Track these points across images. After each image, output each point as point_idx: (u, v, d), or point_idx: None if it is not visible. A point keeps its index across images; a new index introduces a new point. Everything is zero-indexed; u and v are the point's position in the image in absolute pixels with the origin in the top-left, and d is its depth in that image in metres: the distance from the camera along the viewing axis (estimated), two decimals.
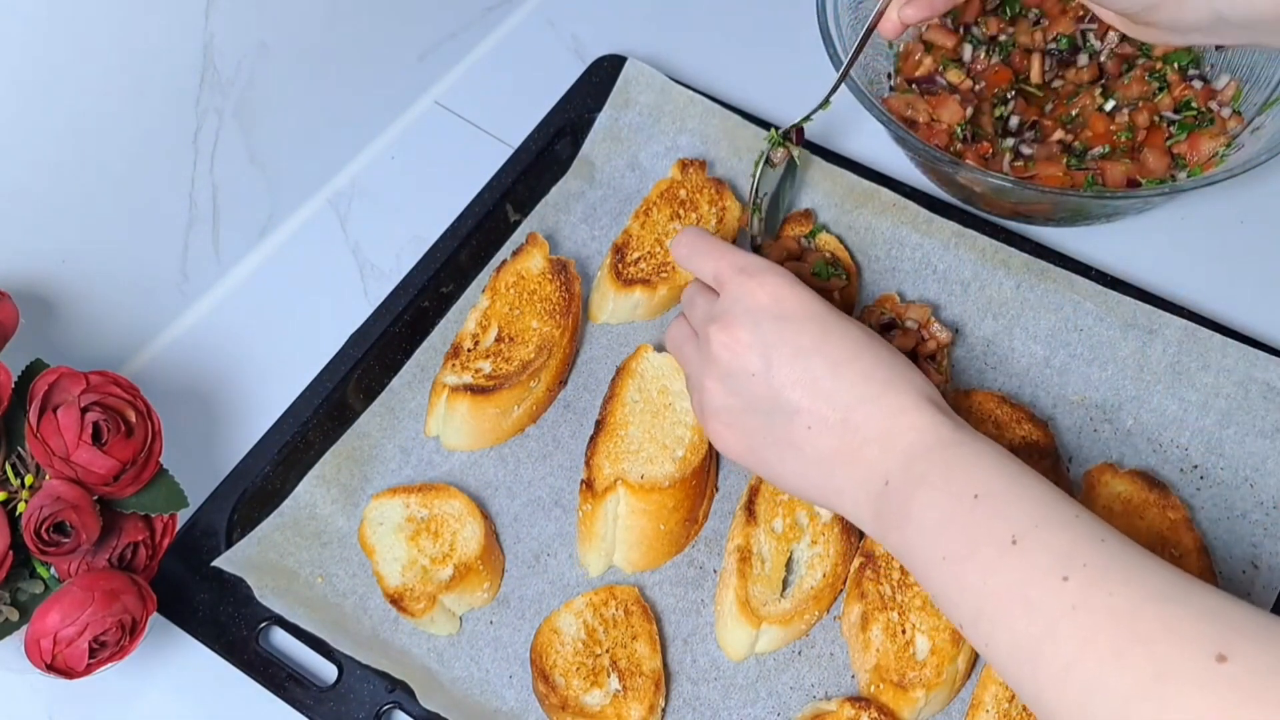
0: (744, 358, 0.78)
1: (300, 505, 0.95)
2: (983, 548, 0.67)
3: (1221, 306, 1.02)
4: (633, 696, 0.85)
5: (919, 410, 0.74)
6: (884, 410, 0.74)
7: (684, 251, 0.86)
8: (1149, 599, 0.62)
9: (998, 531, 0.67)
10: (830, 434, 0.75)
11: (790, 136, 1.04)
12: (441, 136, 1.17)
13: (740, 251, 0.82)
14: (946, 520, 0.70)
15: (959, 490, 0.70)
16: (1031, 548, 0.66)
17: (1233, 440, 0.95)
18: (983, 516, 0.68)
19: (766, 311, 0.78)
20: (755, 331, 0.78)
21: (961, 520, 0.69)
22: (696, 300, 0.85)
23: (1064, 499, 0.69)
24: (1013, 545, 0.66)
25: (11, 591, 0.82)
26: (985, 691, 0.84)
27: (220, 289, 1.08)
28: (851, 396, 0.75)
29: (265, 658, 0.89)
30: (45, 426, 0.78)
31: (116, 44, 0.88)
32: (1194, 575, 0.86)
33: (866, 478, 0.74)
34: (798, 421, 0.76)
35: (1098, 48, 1.11)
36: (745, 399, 0.78)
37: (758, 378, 0.77)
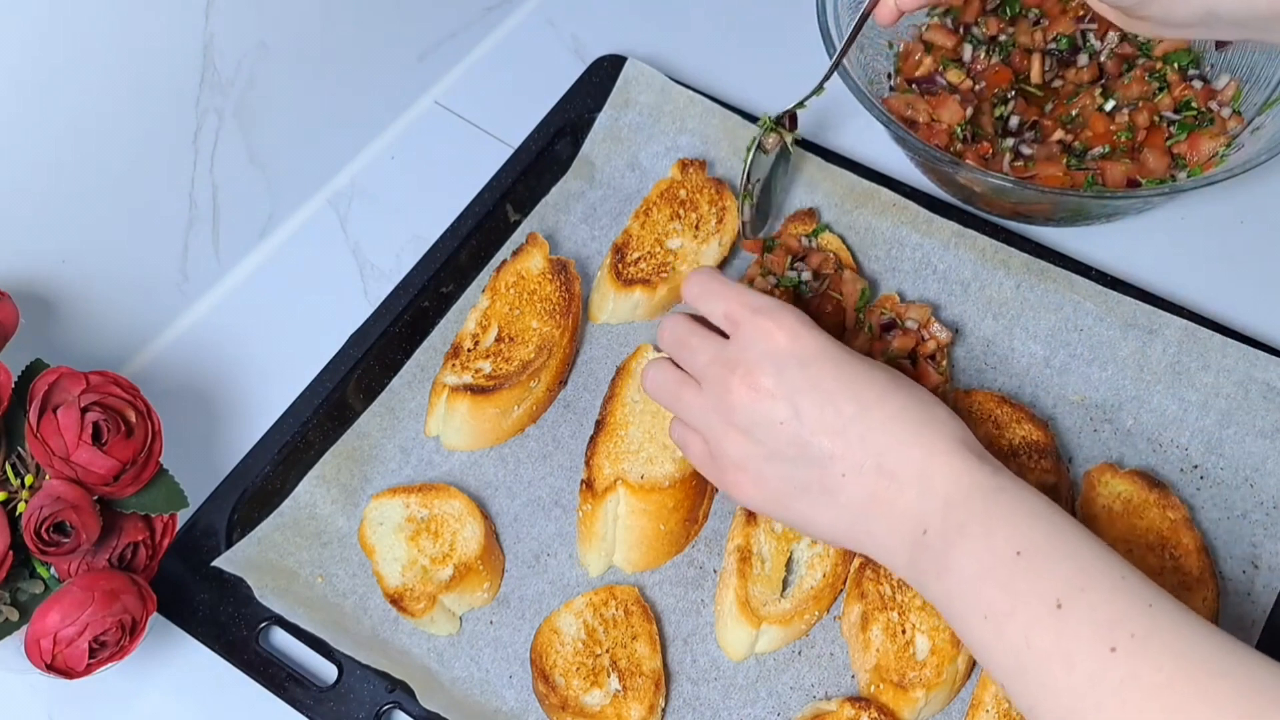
0: (769, 405, 0.75)
1: (300, 505, 0.95)
2: (1026, 608, 0.66)
3: (1221, 306, 1.02)
4: (633, 696, 0.85)
5: (954, 454, 0.72)
6: (919, 453, 0.72)
7: (695, 291, 0.82)
8: (1195, 673, 0.61)
9: (1042, 592, 0.66)
10: (864, 480, 0.73)
11: (783, 122, 1.02)
12: (441, 136, 1.17)
13: (751, 291, 0.80)
14: (987, 574, 0.68)
15: (1000, 545, 0.68)
16: (1077, 613, 0.65)
17: (1233, 440, 0.95)
18: (1025, 574, 0.67)
19: (788, 354, 0.76)
20: (779, 377, 0.75)
21: (1003, 577, 0.68)
22: (692, 342, 0.81)
23: (1109, 556, 0.67)
24: (1057, 609, 0.65)
25: (11, 591, 0.82)
26: (985, 691, 0.84)
27: (220, 289, 1.08)
28: (884, 441, 0.73)
29: (265, 658, 0.89)
30: (45, 426, 0.78)
31: (116, 44, 0.88)
32: (1194, 575, 0.87)
33: (902, 524, 0.72)
34: (831, 469, 0.74)
35: (1098, 48, 1.11)
36: (770, 447, 0.76)
37: (786, 425, 0.75)
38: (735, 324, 0.78)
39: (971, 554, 0.69)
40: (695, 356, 0.80)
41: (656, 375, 0.83)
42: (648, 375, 0.84)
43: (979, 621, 0.68)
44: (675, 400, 0.82)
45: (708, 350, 0.79)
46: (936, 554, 0.71)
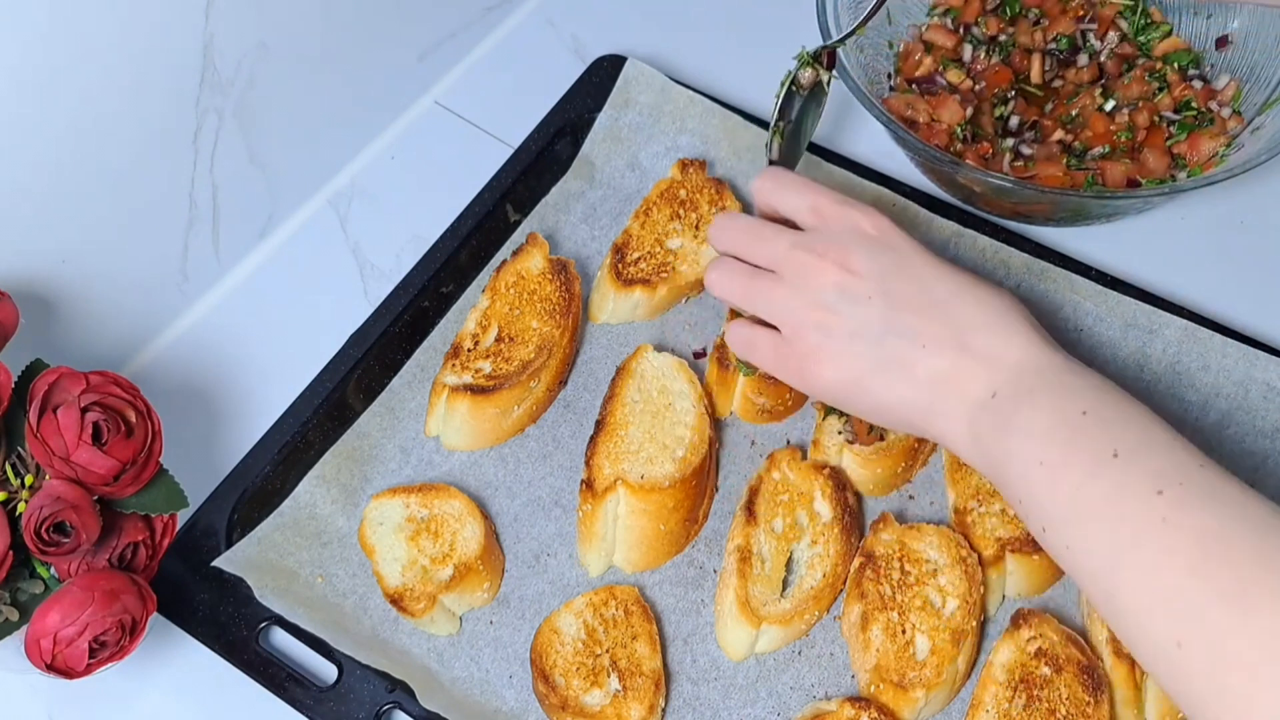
0: (860, 283, 0.78)
1: (300, 505, 0.95)
2: (1082, 457, 0.69)
3: (1221, 306, 1.02)
4: (633, 696, 0.85)
5: (1032, 340, 0.75)
6: (999, 335, 0.75)
7: (769, 185, 0.84)
8: (1241, 525, 0.62)
9: (1100, 444, 0.68)
10: (944, 354, 0.76)
11: (820, 59, 0.99)
12: (441, 136, 1.17)
13: (835, 192, 0.82)
14: (1050, 430, 0.71)
15: (1066, 406, 0.71)
16: (1131, 462, 0.67)
17: (1233, 440, 0.95)
18: (1087, 430, 0.70)
19: (878, 241, 0.78)
20: (871, 259, 0.78)
21: (1065, 432, 0.70)
22: (764, 232, 0.82)
23: (1169, 428, 0.70)
24: (1113, 458, 0.67)
25: (11, 591, 0.82)
26: (985, 691, 0.84)
27: (220, 289, 1.08)
28: (967, 320, 0.76)
29: (265, 658, 0.89)
30: (45, 426, 0.78)
31: (116, 44, 0.88)
32: None
33: (972, 394, 0.75)
34: (913, 343, 0.76)
35: (1098, 48, 1.11)
36: (856, 324, 0.78)
37: (874, 300, 0.77)
38: (821, 214, 0.80)
39: (1038, 410, 0.72)
40: (772, 245, 0.81)
41: (723, 271, 0.83)
42: (713, 273, 0.84)
43: (1034, 469, 0.70)
44: (750, 292, 0.82)
45: (786, 237, 0.81)
46: (1002, 415, 0.73)
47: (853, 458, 0.93)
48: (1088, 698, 0.83)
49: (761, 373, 0.95)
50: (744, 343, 0.85)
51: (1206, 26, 1.11)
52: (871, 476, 0.94)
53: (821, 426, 0.95)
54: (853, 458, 0.93)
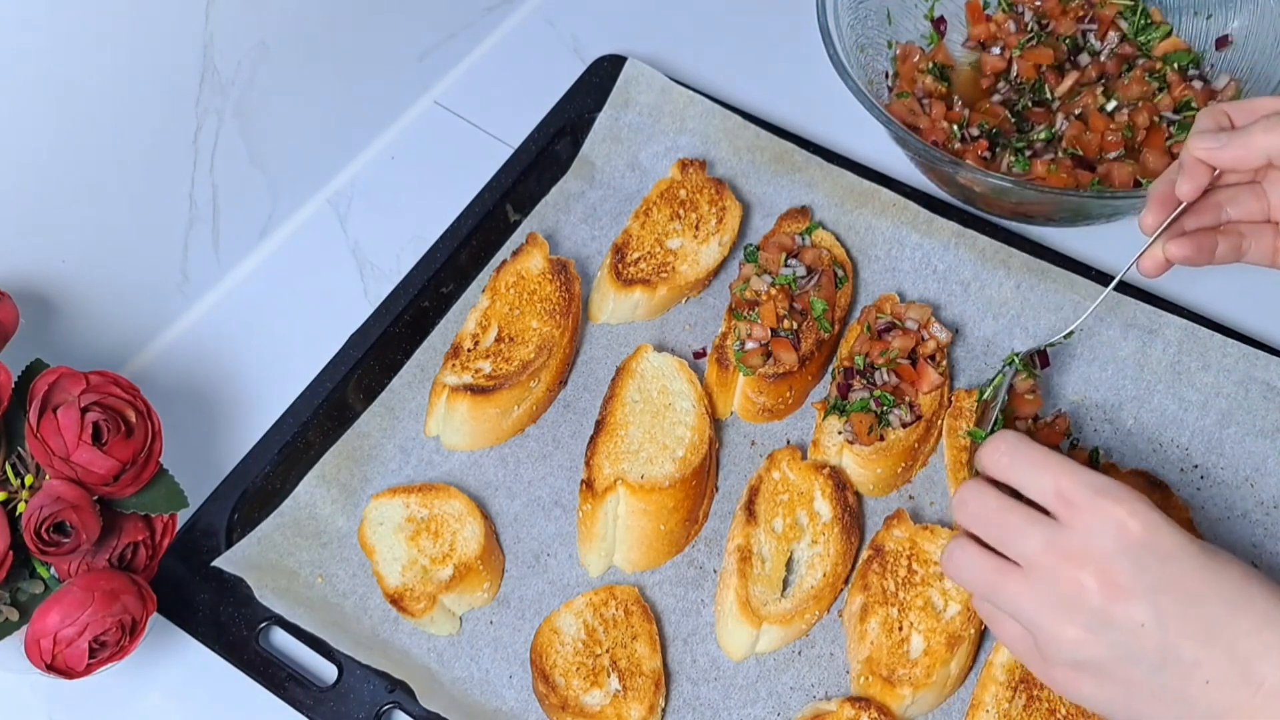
0: (1127, 606, 0.68)
1: (300, 505, 0.94)
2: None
3: (1221, 306, 1.02)
4: (633, 696, 0.85)
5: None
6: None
7: (1006, 458, 0.73)
8: None
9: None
10: (1229, 690, 0.68)
11: (1034, 362, 0.96)
12: (441, 136, 1.17)
13: (1082, 468, 0.71)
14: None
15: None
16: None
17: (1233, 440, 0.95)
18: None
19: (1143, 547, 0.68)
20: (1138, 573, 0.68)
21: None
22: (1012, 521, 0.72)
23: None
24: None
25: (11, 591, 0.82)
26: (985, 692, 0.84)
27: (220, 289, 1.08)
28: (1253, 647, 0.67)
29: (265, 658, 0.89)
30: (45, 426, 0.78)
31: (117, 44, 0.88)
32: None
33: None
34: (1195, 676, 0.68)
35: (1098, 48, 1.11)
36: (1125, 651, 0.69)
37: (1147, 629, 0.68)
38: (1072, 506, 0.70)
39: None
40: (1021, 541, 0.71)
41: (963, 558, 0.74)
42: (953, 558, 0.74)
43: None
44: (993, 590, 0.73)
45: (1038, 535, 0.70)
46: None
47: (853, 458, 0.93)
48: None
49: (761, 372, 0.95)
50: (993, 621, 0.75)
51: (1206, 26, 1.11)
52: (871, 476, 0.94)
53: (821, 426, 0.95)
54: (853, 458, 0.93)
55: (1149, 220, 0.83)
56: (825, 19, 1.04)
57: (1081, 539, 0.69)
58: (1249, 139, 0.78)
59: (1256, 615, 0.68)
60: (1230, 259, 0.85)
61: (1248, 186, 0.84)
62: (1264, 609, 0.68)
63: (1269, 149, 0.78)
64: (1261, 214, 0.84)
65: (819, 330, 0.98)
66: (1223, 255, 0.84)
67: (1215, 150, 0.79)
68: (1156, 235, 0.83)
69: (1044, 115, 1.09)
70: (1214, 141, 0.79)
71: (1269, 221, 0.84)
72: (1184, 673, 0.68)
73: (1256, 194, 0.84)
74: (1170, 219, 0.83)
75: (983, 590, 0.73)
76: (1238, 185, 0.84)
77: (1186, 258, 0.83)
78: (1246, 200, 0.84)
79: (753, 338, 0.96)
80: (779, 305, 0.97)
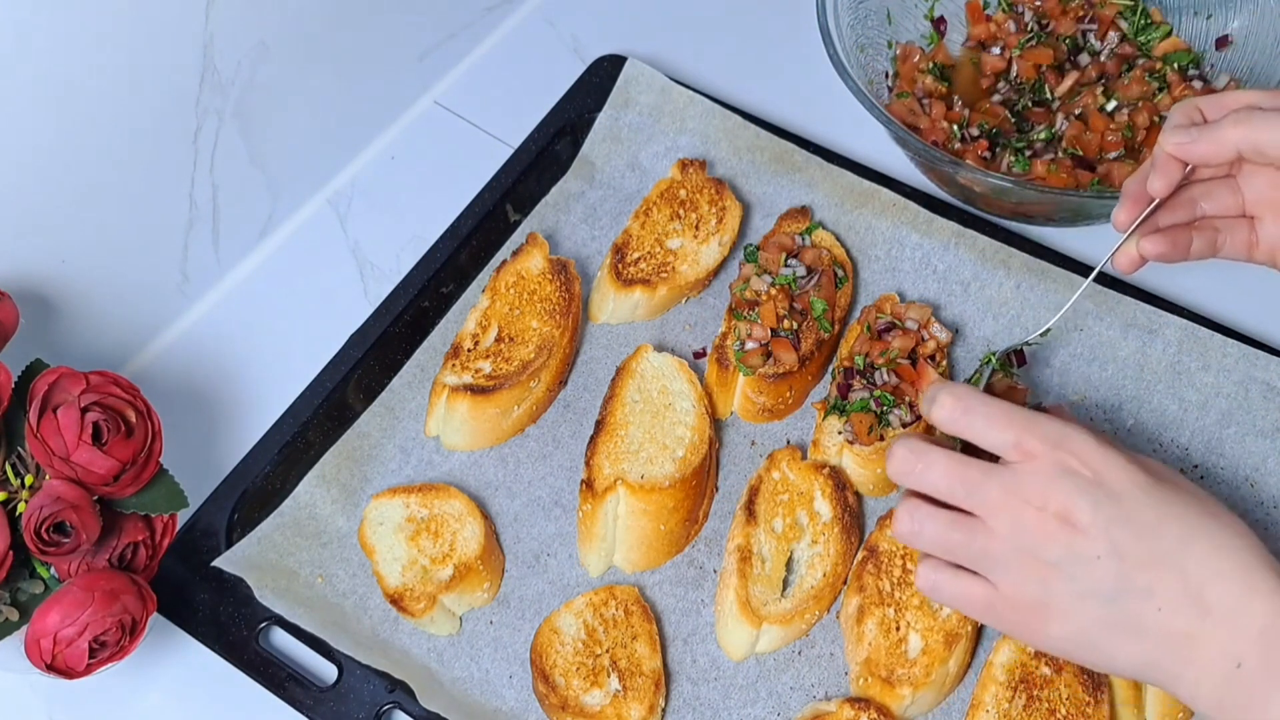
0: (1086, 541, 0.70)
1: (300, 505, 0.95)
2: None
3: (1221, 306, 1.02)
4: (633, 696, 0.85)
5: (1275, 590, 0.69)
6: (1239, 588, 0.69)
7: (955, 413, 0.74)
8: None
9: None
10: (1181, 615, 0.70)
11: (1010, 361, 0.96)
12: (441, 136, 1.17)
13: (1033, 415, 0.73)
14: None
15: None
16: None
17: (1233, 440, 0.95)
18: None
19: (1097, 486, 0.71)
20: (1094, 509, 0.71)
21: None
22: (971, 475, 0.73)
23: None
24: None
25: (11, 591, 0.82)
26: (985, 691, 0.84)
27: (220, 289, 1.08)
28: (1204, 572, 0.70)
29: (265, 658, 0.89)
30: (45, 426, 0.78)
31: (117, 44, 0.88)
32: None
33: (1214, 659, 0.69)
34: (1147, 605, 0.70)
35: (1098, 48, 1.11)
36: (1085, 585, 0.71)
37: (1103, 560, 0.70)
38: (1030, 455, 0.72)
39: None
40: (980, 490, 0.73)
41: (917, 517, 0.75)
42: (905, 520, 0.75)
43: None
44: (955, 544, 0.74)
45: (997, 483, 0.73)
46: (1255, 694, 0.68)
47: (853, 458, 0.93)
48: (1087, 697, 0.83)
49: (761, 372, 0.95)
50: (946, 589, 0.76)
51: (1206, 26, 1.11)
52: (871, 476, 0.94)
53: (821, 426, 0.95)
54: (853, 458, 0.93)
55: (1122, 217, 0.84)
56: (825, 19, 1.04)
57: (1039, 482, 0.72)
58: (1219, 133, 0.79)
59: (1206, 542, 0.70)
60: (1206, 254, 0.85)
61: (1222, 181, 0.84)
62: (1215, 537, 0.71)
63: (1239, 143, 0.78)
64: (1236, 208, 0.84)
65: (819, 330, 0.98)
66: (1198, 251, 0.85)
67: (1186, 145, 0.79)
68: (1130, 232, 0.83)
69: (1044, 115, 1.09)
70: (1185, 136, 0.79)
71: (1244, 216, 0.85)
72: (1138, 602, 0.70)
73: (1231, 188, 0.84)
74: (1143, 215, 0.83)
75: (949, 548, 0.75)
76: (1212, 180, 0.84)
77: (1161, 254, 0.83)
78: (1221, 195, 0.84)
79: (753, 338, 0.96)
80: (779, 305, 0.97)
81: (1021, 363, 0.98)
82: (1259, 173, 0.82)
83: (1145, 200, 0.83)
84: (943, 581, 0.76)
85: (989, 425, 0.74)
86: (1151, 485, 0.72)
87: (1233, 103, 0.80)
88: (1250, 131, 0.78)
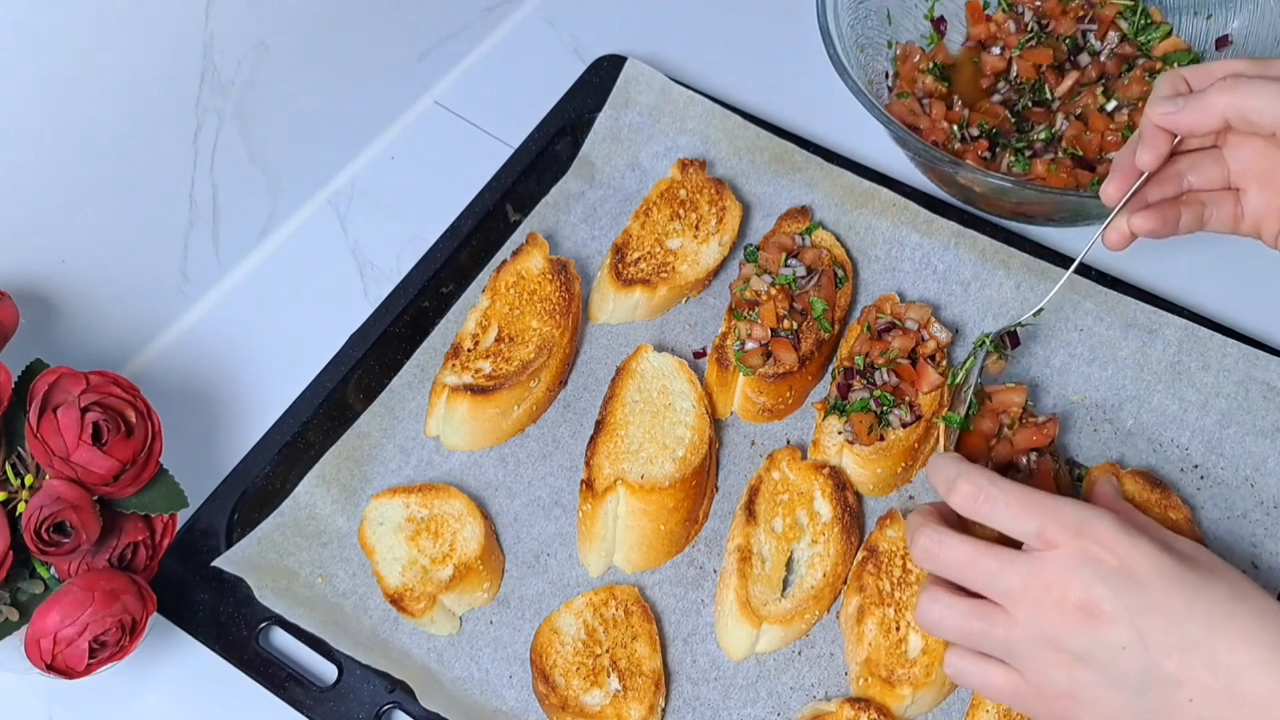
0: (1110, 630, 0.69)
1: (300, 505, 0.95)
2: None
3: (1221, 306, 1.02)
4: (633, 696, 0.85)
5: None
6: (1273, 678, 0.68)
7: (973, 502, 0.74)
8: None
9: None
10: (1213, 705, 0.68)
11: (1004, 343, 0.96)
12: (441, 136, 1.17)
13: (1054, 500, 0.72)
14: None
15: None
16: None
17: (1233, 440, 0.95)
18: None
19: (1120, 574, 0.70)
20: (1118, 598, 0.69)
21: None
22: (989, 565, 0.73)
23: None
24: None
25: (11, 591, 0.82)
26: None
27: (220, 289, 1.08)
28: (1235, 661, 0.68)
29: (265, 658, 0.89)
30: (45, 426, 0.78)
31: (117, 44, 0.88)
32: None
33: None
34: (1177, 695, 0.69)
35: (1098, 48, 1.11)
36: (1111, 675, 0.70)
37: (1129, 651, 0.69)
38: (1052, 544, 0.71)
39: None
40: (1000, 580, 0.72)
41: (943, 610, 0.74)
42: (931, 611, 0.75)
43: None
44: (981, 635, 0.73)
45: (1016, 572, 0.72)
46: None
47: (853, 458, 0.93)
48: None
49: (761, 372, 0.95)
50: (971, 677, 0.75)
51: (1206, 26, 1.11)
52: (871, 476, 0.94)
53: (821, 426, 0.95)
54: (853, 458, 0.93)
55: (1111, 189, 0.84)
56: (825, 19, 1.04)
57: (1061, 571, 0.71)
58: (1206, 101, 0.79)
59: (1237, 629, 0.69)
60: (1193, 228, 0.85)
61: (1208, 153, 0.84)
62: (1245, 624, 0.69)
63: (1226, 110, 0.78)
64: (1222, 180, 0.84)
65: (819, 330, 0.98)
66: (1186, 225, 0.85)
67: (1173, 114, 0.79)
68: (1120, 207, 0.84)
69: (1044, 115, 1.09)
70: (1171, 106, 0.79)
71: (1229, 188, 0.85)
72: (1168, 692, 0.69)
73: (1217, 160, 0.84)
74: (1133, 190, 0.83)
75: (969, 638, 0.74)
76: (1198, 152, 0.84)
77: (1152, 230, 0.83)
78: (1207, 167, 0.84)
79: (753, 338, 0.96)
80: (779, 305, 0.97)
81: (1015, 344, 0.98)
82: (1244, 144, 0.82)
83: (1134, 174, 0.83)
84: (967, 670, 0.75)
85: (1009, 513, 0.73)
86: (1178, 570, 0.70)
87: (1218, 71, 0.80)
88: (1236, 98, 0.78)
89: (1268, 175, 0.82)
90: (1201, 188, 0.84)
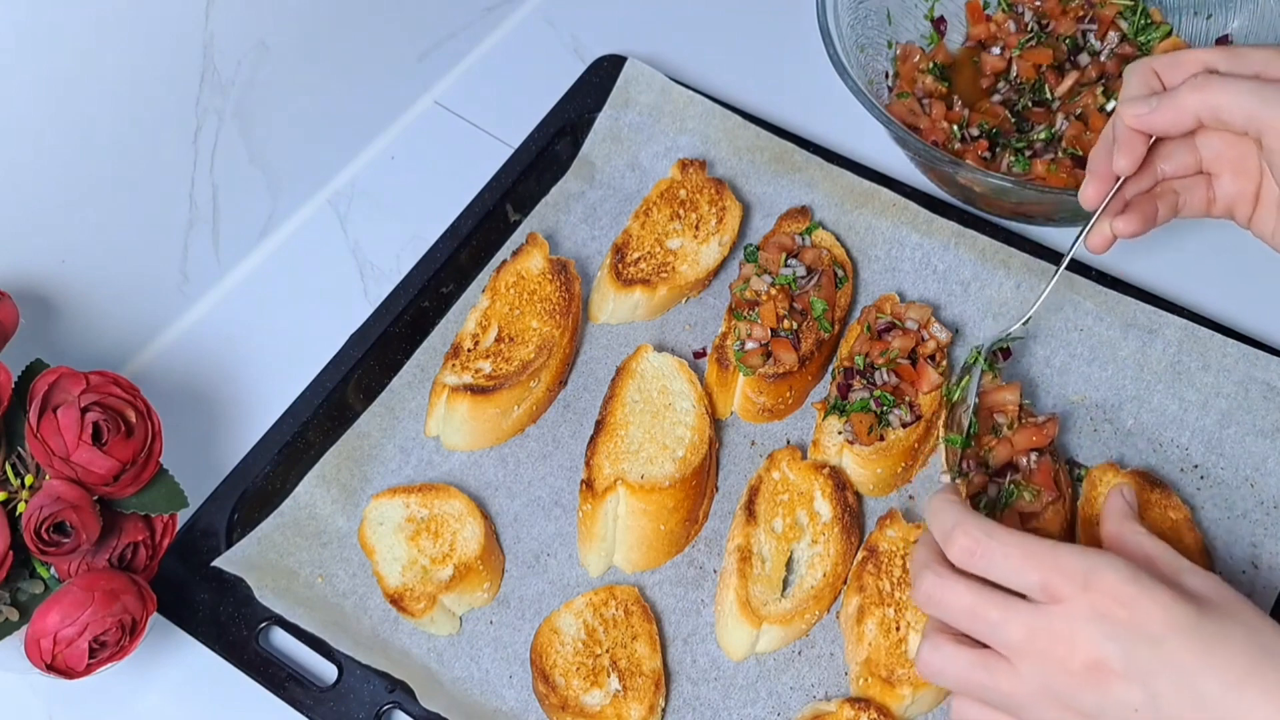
0: (1121, 689, 0.66)
1: (300, 505, 0.95)
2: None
3: (1221, 306, 1.02)
4: (633, 696, 0.85)
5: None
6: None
7: (970, 556, 0.71)
8: None
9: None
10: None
11: (996, 358, 0.96)
12: (441, 136, 1.17)
13: (1055, 549, 0.69)
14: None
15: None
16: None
17: (1233, 440, 0.95)
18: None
19: (1130, 630, 0.67)
20: (1129, 657, 0.66)
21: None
22: (992, 615, 0.70)
23: None
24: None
25: (11, 591, 0.82)
26: None
27: (220, 289, 1.08)
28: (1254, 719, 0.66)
29: (265, 658, 0.89)
30: (45, 426, 0.78)
31: (117, 45, 0.88)
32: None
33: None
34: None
35: (1098, 48, 1.11)
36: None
37: (1141, 712, 0.66)
38: (1057, 598, 0.68)
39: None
40: (1004, 631, 0.69)
41: (944, 660, 0.72)
42: (933, 661, 0.72)
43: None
44: (984, 689, 0.71)
45: (1021, 624, 0.69)
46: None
47: (853, 458, 0.93)
48: None
49: (761, 372, 0.95)
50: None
51: (1206, 26, 1.11)
52: (871, 476, 0.94)
53: (821, 426, 0.95)
54: (853, 458, 0.93)
55: (1090, 193, 0.83)
56: (825, 19, 1.04)
57: (1067, 627, 0.68)
58: (1178, 101, 0.78)
59: (1257, 686, 0.66)
60: (1168, 218, 0.84)
61: (1180, 140, 0.83)
62: (1266, 679, 0.66)
63: (1199, 110, 0.77)
64: (1194, 166, 0.84)
65: (819, 330, 0.98)
66: (1162, 216, 0.84)
67: (1146, 116, 0.79)
68: (1099, 211, 0.83)
69: (1044, 115, 1.09)
70: (1144, 107, 0.79)
71: (1200, 173, 0.84)
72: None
73: (1188, 147, 0.83)
74: (1112, 193, 0.83)
75: (972, 689, 0.71)
76: (1170, 141, 0.83)
77: (1135, 232, 0.83)
78: (1179, 154, 0.83)
79: (753, 338, 0.96)
80: (779, 305, 0.97)
81: (1007, 357, 0.99)
82: (1216, 132, 0.81)
83: (1112, 178, 0.82)
84: (969, 713, 0.73)
85: (1009, 566, 0.70)
86: (1194, 620, 0.67)
87: (1190, 64, 0.79)
88: (1208, 97, 0.77)
89: (1239, 162, 0.82)
90: (1174, 175, 0.84)
